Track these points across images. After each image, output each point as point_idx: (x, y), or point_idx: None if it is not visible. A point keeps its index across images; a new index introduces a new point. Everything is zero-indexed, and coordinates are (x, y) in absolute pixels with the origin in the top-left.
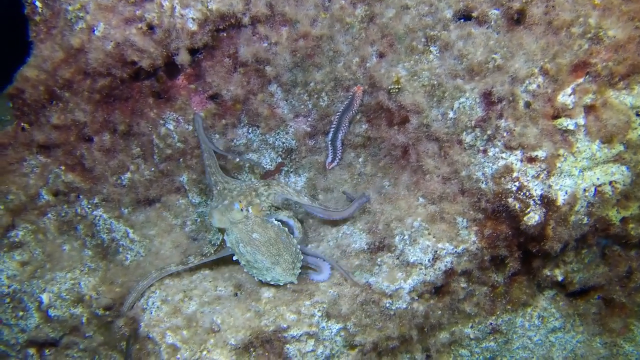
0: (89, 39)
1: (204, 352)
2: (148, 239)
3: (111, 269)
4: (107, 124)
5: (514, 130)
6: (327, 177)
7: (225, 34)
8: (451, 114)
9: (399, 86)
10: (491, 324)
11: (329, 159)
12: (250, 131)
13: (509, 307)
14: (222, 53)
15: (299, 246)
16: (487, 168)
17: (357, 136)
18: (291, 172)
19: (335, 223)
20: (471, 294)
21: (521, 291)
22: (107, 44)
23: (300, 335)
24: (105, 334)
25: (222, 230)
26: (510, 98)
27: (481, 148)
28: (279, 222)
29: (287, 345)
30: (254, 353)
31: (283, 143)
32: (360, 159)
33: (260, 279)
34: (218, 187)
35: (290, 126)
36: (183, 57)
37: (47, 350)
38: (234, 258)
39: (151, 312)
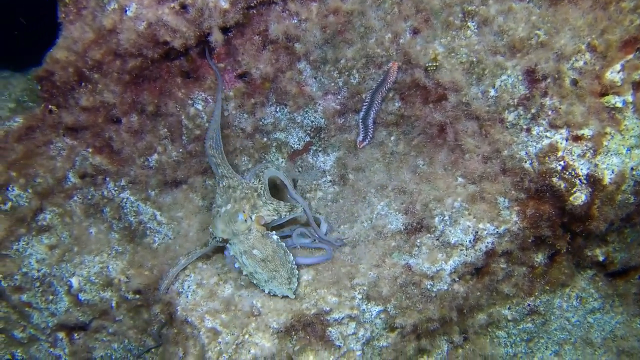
0: (121, 19)
1: (246, 336)
2: (176, 221)
3: (139, 252)
4: (135, 105)
5: (560, 108)
6: (358, 156)
7: (255, 11)
8: (492, 92)
9: (437, 63)
10: (529, 305)
11: (360, 137)
12: (278, 110)
13: (547, 287)
14: (252, 30)
15: (294, 263)
16: (530, 147)
17: (390, 114)
18: (320, 151)
19: (370, 204)
20: (510, 275)
21: (560, 271)
22: (139, 24)
23: (342, 318)
24: (135, 317)
25: (224, 240)
26: (556, 75)
27: (524, 127)
28: (278, 238)
29: (330, 328)
30: (295, 336)
31: (312, 122)
32: (392, 138)
33: (260, 287)
34: (223, 183)
35: (319, 104)
36: (216, 36)
37: (76, 334)
38: (236, 266)
39: (187, 296)
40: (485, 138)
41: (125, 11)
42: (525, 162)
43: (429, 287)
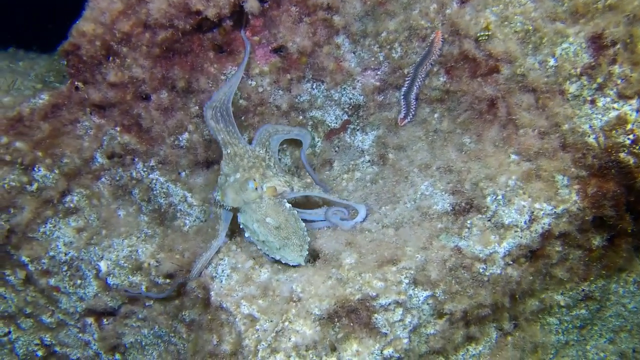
0: None
1: (286, 323)
2: (207, 203)
3: (169, 236)
4: (165, 80)
5: (631, 76)
6: (399, 134)
7: None
8: (552, 62)
9: (489, 32)
10: (583, 290)
11: (402, 115)
12: (314, 86)
13: (603, 272)
14: (289, 1)
15: (306, 230)
16: (595, 120)
17: (434, 90)
18: (358, 130)
19: (413, 184)
20: (564, 258)
21: (618, 255)
22: None
23: (389, 304)
24: (166, 303)
25: (234, 208)
26: (628, 40)
27: (589, 98)
28: (290, 206)
29: (375, 315)
30: (338, 323)
31: (350, 99)
32: (435, 115)
33: (269, 255)
34: (228, 150)
35: (358, 80)
36: (252, 4)
37: (105, 320)
38: (246, 235)
39: (222, 281)
40: (542, 112)
41: None
42: (589, 136)
43: (481, 270)
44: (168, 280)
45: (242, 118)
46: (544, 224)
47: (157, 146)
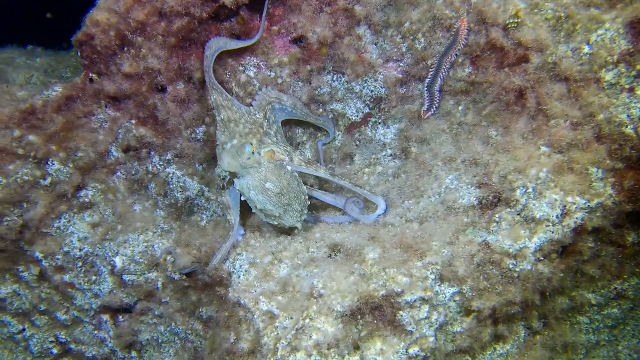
0: None
1: (307, 320)
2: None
3: (186, 230)
4: (182, 71)
5: None
6: (422, 127)
7: None
8: (586, 49)
9: (519, 20)
10: (616, 288)
11: (425, 107)
12: (335, 78)
13: (637, 270)
14: None
15: (307, 194)
16: (634, 109)
17: (459, 81)
18: (379, 123)
19: (437, 177)
20: (597, 255)
21: None
22: None
23: (415, 301)
24: (182, 299)
25: (231, 173)
26: None
27: (627, 86)
28: (292, 168)
29: (401, 312)
30: (361, 321)
31: (371, 91)
32: (460, 107)
33: (265, 220)
34: (222, 115)
35: (380, 72)
36: None
37: (121, 316)
38: (242, 198)
39: (239, 276)
40: (575, 101)
41: None
42: (627, 126)
43: (511, 266)
44: (185, 277)
45: None
46: (576, 218)
47: (174, 139)
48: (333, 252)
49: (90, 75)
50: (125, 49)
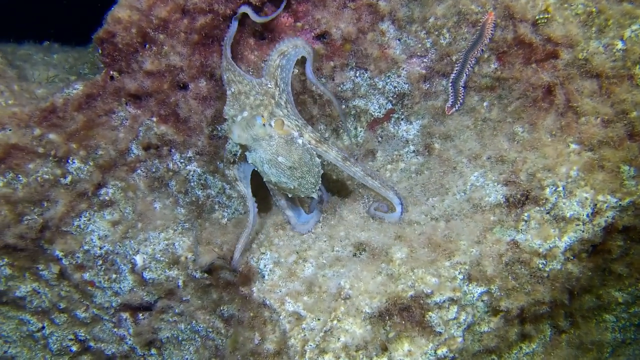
0: None
1: (335, 322)
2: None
3: (207, 228)
4: (204, 68)
5: None
6: (446, 123)
7: None
8: (619, 45)
9: (549, 15)
10: None
11: (450, 103)
12: (357, 74)
13: None
14: None
15: (321, 166)
16: None
17: (484, 77)
18: (402, 119)
19: (462, 174)
20: (625, 253)
21: None
22: None
23: (444, 301)
24: (204, 297)
25: (242, 145)
26: None
27: None
28: (303, 142)
29: (430, 313)
30: (389, 322)
31: (394, 87)
32: (485, 103)
33: (283, 193)
34: (232, 89)
35: (403, 68)
36: None
37: (141, 314)
38: (254, 167)
39: (264, 276)
40: (607, 98)
41: None
42: None
43: (540, 266)
44: (206, 275)
45: None
46: (607, 217)
47: (195, 137)
48: (358, 250)
49: (111, 73)
50: (147, 46)
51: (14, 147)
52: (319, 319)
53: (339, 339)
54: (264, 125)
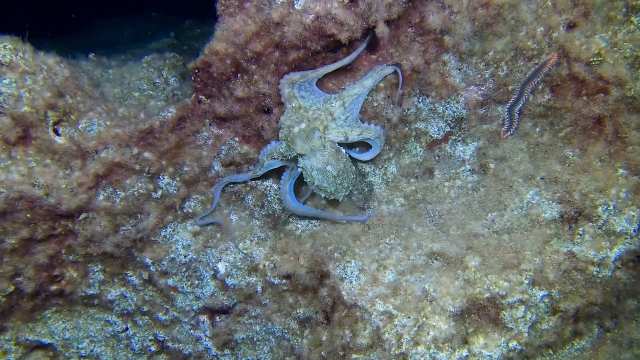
0: (289, 12)
1: (424, 319)
2: (320, 208)
3: (282, 239)
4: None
5: None
6: (501, 145)
7: (411, 4)
8: None
9: (601, 58)
10: None
11: (505, 127)
12: (420, 100)
13: None
14: (407, 23)
15: (356, 174)
16: None
17: (538, 106)
18: (459, 141)
19: (518, 192)
20: None
21: None
22: (307, 17)
23: (515, 302)
24: (280, 301)
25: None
26: None
27: None
28: (346, 151)
29: (503, 312)
30: (468, 319)
31: (453, 112)
32: (537, 129)
33: (319, 195)
34: (293, 104)
35: (462, 95)
36: (382, 29)
37: (218, 317)
38: (299, 171)
39: (351, 282)
40: None
41: (294, 4)
42: None
43: (595, 273)
44: (285, 281)
45: None
46: None
47: None
48: (430, 259)
49: (200, 97)
50: (239, 75)
51: (116, 165)
52: (409, 317)
53: (428, 333)
54: (320, 138)
